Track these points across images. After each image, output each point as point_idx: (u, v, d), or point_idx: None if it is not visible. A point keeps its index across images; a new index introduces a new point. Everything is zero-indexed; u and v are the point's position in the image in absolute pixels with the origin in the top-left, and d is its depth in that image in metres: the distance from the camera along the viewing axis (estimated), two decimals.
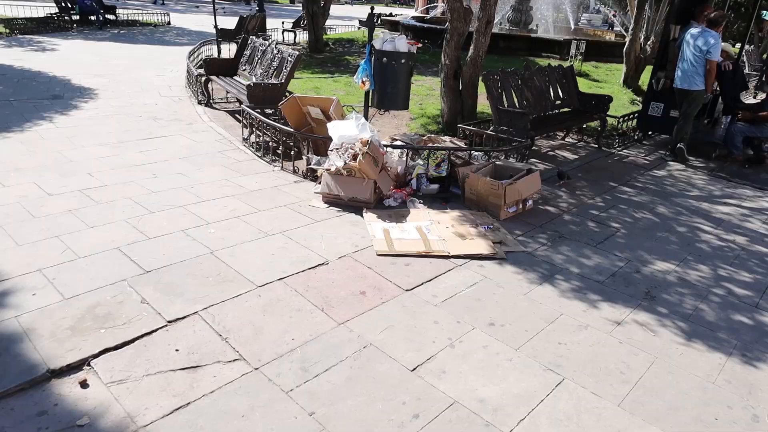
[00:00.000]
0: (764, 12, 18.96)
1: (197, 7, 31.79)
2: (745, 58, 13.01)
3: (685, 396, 2.73)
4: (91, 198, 4.57)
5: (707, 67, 6.56)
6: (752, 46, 16.27)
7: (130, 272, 3.45)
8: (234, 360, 2.75)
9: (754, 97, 9.94)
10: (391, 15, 24.08)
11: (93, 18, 17.83)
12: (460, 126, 6.52)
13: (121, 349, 2.76)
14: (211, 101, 8.38)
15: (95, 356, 2.69)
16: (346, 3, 55.63)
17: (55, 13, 17.60)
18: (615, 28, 21.64)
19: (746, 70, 12.30)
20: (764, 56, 15.01)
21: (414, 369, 2.77)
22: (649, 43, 11.19)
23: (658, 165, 6.87)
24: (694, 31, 6.69)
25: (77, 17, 17.78)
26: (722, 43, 7.02)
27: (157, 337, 2.87)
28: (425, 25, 17.04)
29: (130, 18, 19.88)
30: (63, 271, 3.40)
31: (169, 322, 2.99)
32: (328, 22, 17.54)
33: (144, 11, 21.54)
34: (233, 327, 2.99)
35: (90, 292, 3.20)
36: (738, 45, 9.02)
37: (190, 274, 3.47)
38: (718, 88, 7.17)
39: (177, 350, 2.78)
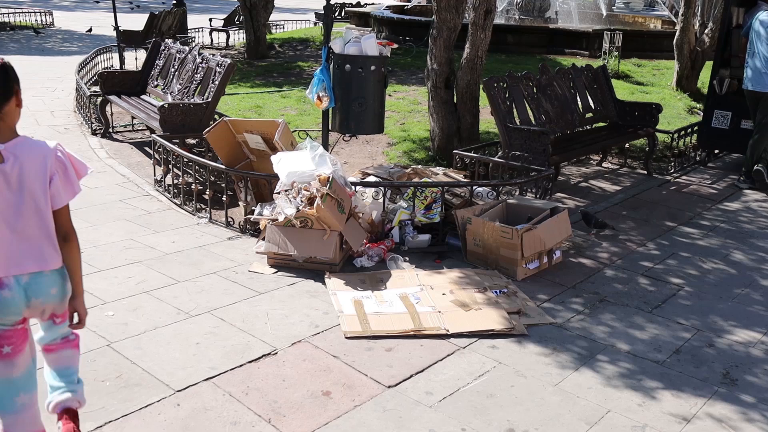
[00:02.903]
0: None
1: (97, 2, 32.34)
2: None
3: None
4: None
5: None
6: None
7: None
8: None
9: None
10: (359, 5, 24.83)
11: None
12: (456, 152, 6.63)
13: None
14: (111, 130, 8.43)
15: None
16: None
17: None
18: (662, 13, 22.49)
19: None
20: None
21: None
22: (706, 31, 11.64)
23: (729, 195, 7.03)
24: (764, 16, 6.96)
25: None
26: None
27: None
28: (405, 18, 17.55)
29: None
30: None
31: None
32: (274, 17, 18.02)
33: (18, 10, 21.84)
34: None
35: None
36: None
37: None
38: None
39: None
